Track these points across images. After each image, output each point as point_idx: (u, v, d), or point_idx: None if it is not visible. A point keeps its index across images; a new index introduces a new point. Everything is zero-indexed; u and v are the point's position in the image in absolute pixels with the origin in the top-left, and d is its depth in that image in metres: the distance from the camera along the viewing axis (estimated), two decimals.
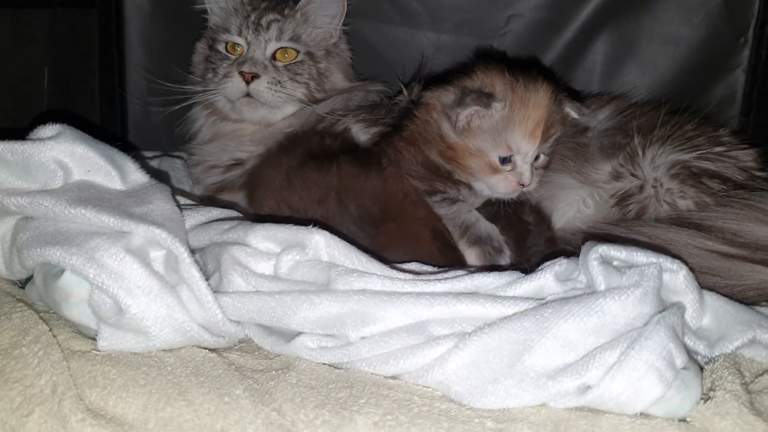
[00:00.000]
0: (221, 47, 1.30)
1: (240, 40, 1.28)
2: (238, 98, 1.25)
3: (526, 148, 1.02)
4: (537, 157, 1.06)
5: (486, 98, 1.00)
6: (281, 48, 1.28)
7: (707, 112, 1.31)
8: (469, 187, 1.08)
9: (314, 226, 0.81)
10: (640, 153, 1.10)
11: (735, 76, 1.53)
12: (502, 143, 1.02)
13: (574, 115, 1.10)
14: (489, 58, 1.28)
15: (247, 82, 1.23)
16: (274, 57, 1.28)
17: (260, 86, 1.24)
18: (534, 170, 1.05)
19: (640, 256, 0.76)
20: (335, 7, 1.33)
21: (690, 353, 0.73)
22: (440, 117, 1.07)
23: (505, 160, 1.03)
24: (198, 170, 1.34)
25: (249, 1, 1.33)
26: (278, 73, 1.26)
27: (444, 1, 1.55)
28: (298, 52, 1.29)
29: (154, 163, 1.44)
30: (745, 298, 0.88)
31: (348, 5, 1.34)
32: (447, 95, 1.07)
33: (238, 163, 1.29)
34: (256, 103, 1.26)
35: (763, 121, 1.49)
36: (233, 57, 1.29)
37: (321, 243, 0.80)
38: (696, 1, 1.50)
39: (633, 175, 1.09)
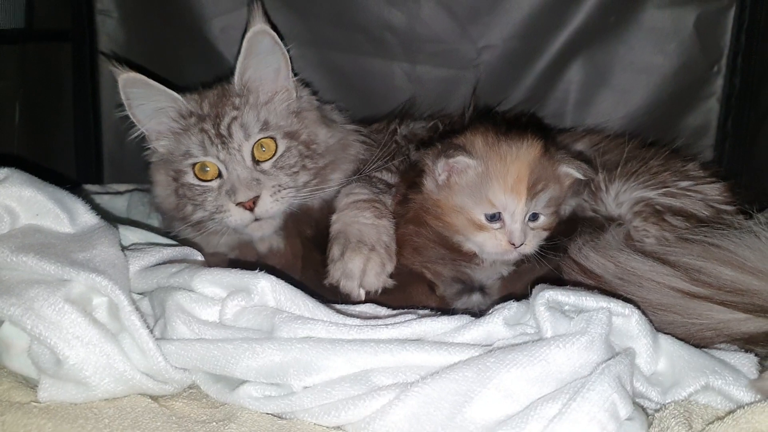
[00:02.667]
0: (190, 177, 1.12)
1: (210, 160, 1.10)
2: (247, 225, 1.09)
3: (511, 204, 0.98)
4: (536, 217, 1.02)
5: (453, 150, 0.98)
6: (256, 143, 1.10)
7: (679, 144, 1.32)
8: (481, 260, 1.04)
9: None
10: (603, 188, 1.08)
11: (709, 105, 1.52)
12: (483, 199, 0.99)
13: (576, 175, 1.04)
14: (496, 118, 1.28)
15: (251, 209, 1.07)
16: (254, 160, 1.10)
17: (266, 205, 1.07)
18: (529, 230, 1.01)
19: (589, 301, 0.75)
20: (276, 59, 1.15)
21: (638, 402, 0.72)
22: (427, 175, 1.05)
23: (493, 218, 0.99)
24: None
25: (189, 112, 1.13)
26: (273, 178, 1.09)
27: (417, 33, 1.54)
28: (274, 139, 1.11)
29: (125, 198, 1.43)
30: (703, 338, 0.87)
31: (288, 50, 1.17)
32: (432, 152, 1.04)
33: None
34: (268, 221, 1.10)
35: (737, 150, 1.48)
36: (213, 184, 1.11)
37: (267, 288, 0.78)
38: (669, 30, 1.50)
39: (594, 210, 1.07)
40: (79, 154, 1.59)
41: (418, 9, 1.52)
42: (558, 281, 0.96)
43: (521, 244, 0.99)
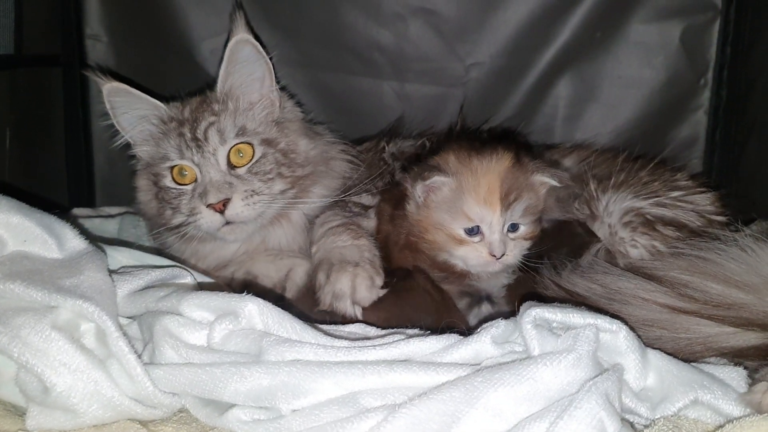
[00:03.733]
0: (167, 181, 1.14)
1: (186, 163, 1.12)
2: (218, 229, 1.10)
3: (486, 216, 1.01)
4: (515, 228, 1.04)
5: (428, 171, 1.01)
6: (232, 148, 1.12)
7: (668, 155, 1.32)
8: (477, 276, 1.06)
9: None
10: (596, 196, 1.09)
11: (697, 117, 1.54)
12: (459, 213, 1.01)
13: (551, 182, 1.06)
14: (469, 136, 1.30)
15: (221, 212, 1.08)
16: (230, 164, 1.11)
17: (236, 209, 1.08)
18: (509, 240, 1.03)
19: (576, 318, 0.75)
20: (258, 69, 1.16)
21: (628, 418, 0.72)
22: (409, 198, 1.07)
23: (472, 232, 1.02)
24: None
25: (170, 117, 1.16)
26: (246, 183, 1.10)
27: (405, 52, 1.56)
28: (252, 145, 1.12)
29: (116, 221, 1.43)
30: (692, 353, 0.87)
31: (272, 59, 1.18)
32: (411, 175, 1.07)
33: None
34: (239, 226, 1.11)
35: (726, 161, 1.49)
36: (188, 188, 1.12)
37: (254, 311, 0.78)
38: (655, 44, 1.52)
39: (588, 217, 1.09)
40: (71, 177, 1.60)
41: (405, 28, 1.54)
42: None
43: (502, 255, 1.01)
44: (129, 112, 1.18)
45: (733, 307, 0.86)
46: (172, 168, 1.13)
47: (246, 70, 1.16)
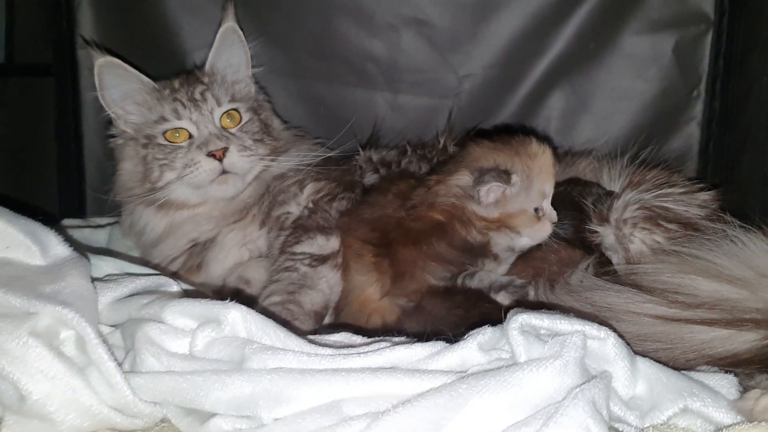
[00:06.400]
0: (161, 140, 1.20)
1: (184, 123, 1.20)
2: (214, 179, 1.17)
3: (549, 189, 1.10)
4: None
5: (506, 175, 1.05)
6: (225, 112, 1.22)
7: (662, 165, 1.31)
8: (496, 257, 1.10)
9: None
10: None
11: (690, 129, 1.53)
12: (538, 194, 1.09)
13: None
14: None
15: (220, 160, 1.16)
16: (222, 127, 1.22)
17: (233, 157, 1.17)
18: None
19: (563, 325, 0.74)
20: (242, 54, 1.29)
21: (616, 427, 0.70)
22: (465, 200, 1.09)
23: (537, 210, 1.09)
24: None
25: (161, 86, 1.24)
26: (239, 139, 1.21)
27: (399, 63, 1.55)
28: (239, 112, 1.24)
29: (105, 231, 1.42)
30: (687, 361, 0.85)
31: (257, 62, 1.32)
32: (463, 178, 1.09)
33: (194, 245, 1.24)
34: (232, 177, 1.19)
35: (719, 173, 1.48)
36: (183, 144, 1.19)
37: (238, 318, 0.77)
38: (648, 56, 1.51)
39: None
40: (62, 187, 1.59)
41: (398, 39, 1.53)
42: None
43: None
44: (120, 85, 1.24)
45: (725, 305, 0.84)
46: (165, 132, 1.20)
47: (233, 52, 1.29)
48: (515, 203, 1.08)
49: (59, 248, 0.88)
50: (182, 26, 1.54)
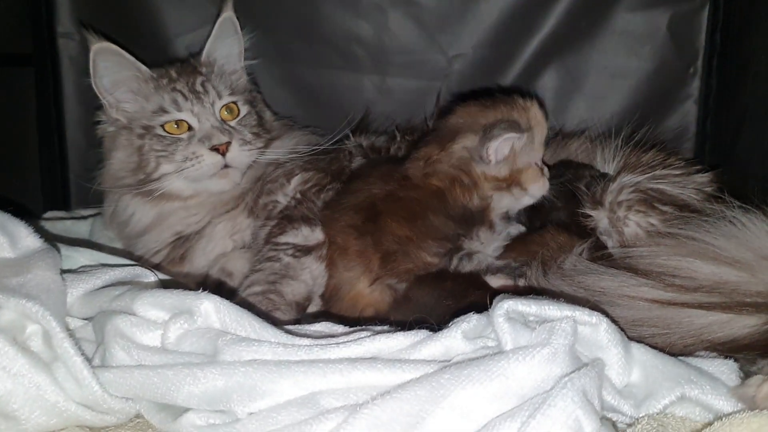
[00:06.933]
0: (160, 130, 1.17)
1: (185, 115, 1.17)
2: (215, 173, 1.16)
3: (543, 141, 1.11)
4: None
5: (516, 124, 1.04)
6: (224, 105, 1.20)
7: (658, 146, 1.28)
8: (491, 224, 1.08)
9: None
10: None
11: (687, 107, 1.49)
12: (539, 146, 1.09)
13: None
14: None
15: (223, 154, 1.14)
16: (221, 119, 1.20)
17: (235, 152, 1.16)
18: None
19: (552, 310, 0.70)
20: (237, 44, 1.27)
21: (610, 416, 0.67)
22: (470, 164, 1.06)
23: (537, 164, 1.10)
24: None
25: (158, 75, 1.21)
26: (239, 133, 1.19)
27: (386, 45, 1.51)
28: (237, 105, 1.22)
29: (88, 222, 1.39)
30: (685, 347, 0.82)
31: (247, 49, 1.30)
32: (468, 140, 1.06)
33: (179, 238, 1.21)
34: (233, 171, 1.17)
35: (718, 152, 1.44)
36: (184, 136, 1.16)
37: (210, 309, 0.74)
38: (642, 33, 1.47)
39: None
40: (45, 179, 1.55)
41: (385, 20, 1.49)
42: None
43: None
44: (115, 71, 1.20)
45: (725, 288, 0.81)
46: (164, 124, 1.17)
47: (229, 43, 1.27)
48: (523, 157, 1.07)
49: (29, 240, 0.85)
50: (164, 11, 1.49)
